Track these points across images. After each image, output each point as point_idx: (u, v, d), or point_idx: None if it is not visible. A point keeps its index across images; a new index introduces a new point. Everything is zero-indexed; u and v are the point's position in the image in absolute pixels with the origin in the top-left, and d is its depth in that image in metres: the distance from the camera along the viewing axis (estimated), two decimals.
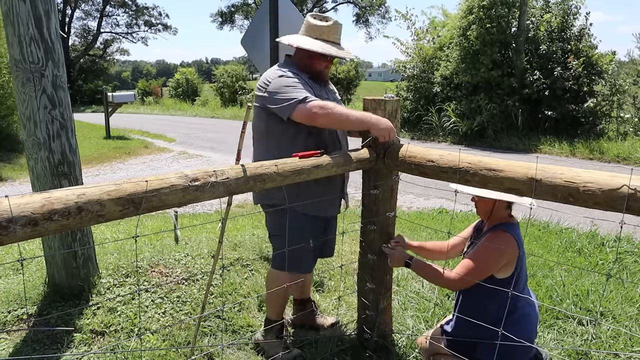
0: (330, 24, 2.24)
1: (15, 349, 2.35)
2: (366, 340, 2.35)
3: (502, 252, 1.87)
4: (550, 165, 1.55)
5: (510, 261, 1.89)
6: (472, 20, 11.29)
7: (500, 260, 1.88)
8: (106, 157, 10.46)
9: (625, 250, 3.93)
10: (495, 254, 1.88)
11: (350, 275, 3.36)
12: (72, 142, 2.68)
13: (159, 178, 1.41)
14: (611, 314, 2.79)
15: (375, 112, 2.07)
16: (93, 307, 2.64)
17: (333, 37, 2.25)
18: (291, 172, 1.77)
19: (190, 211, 6.15)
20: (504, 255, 1.88)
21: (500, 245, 1.87)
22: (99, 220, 1.28)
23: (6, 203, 1.11)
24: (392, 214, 2.21)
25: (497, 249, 1.88)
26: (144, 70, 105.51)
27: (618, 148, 9.11)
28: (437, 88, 12.48)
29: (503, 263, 1.89)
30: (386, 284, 2.32)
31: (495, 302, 1.93)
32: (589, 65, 10.60)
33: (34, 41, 2.44)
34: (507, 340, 1.83)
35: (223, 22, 41.35)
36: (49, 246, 2.79)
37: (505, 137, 10.88)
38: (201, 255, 3.39)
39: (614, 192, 1.36)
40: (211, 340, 2.51)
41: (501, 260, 1.88)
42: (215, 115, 21.00)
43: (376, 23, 51.97)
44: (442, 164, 1.81)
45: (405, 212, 5.71)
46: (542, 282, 3.15)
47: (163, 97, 31.56)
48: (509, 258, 1.88)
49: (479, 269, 1.89)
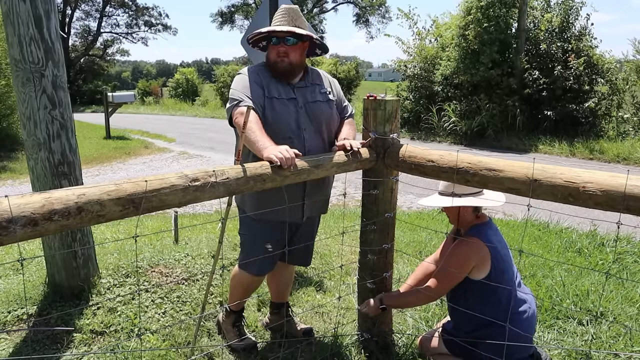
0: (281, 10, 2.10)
1: (15, 349, 2.35)
2: (366, 340, 2.35)
3: (466, 257, 1.94)
4: (550, 166, 1.55)
5: (480, 263, 1.93)
6: (470, 20, 11.30)
7: (466, 265, 1.94)
8: (106, 157, 10.47)
9: (625, 250, 3.93)
10: (459, 261, 1.95)
11: (350, 275, 3.36)
12: (72, 142, 2.68)
13: (159, 178, 1.41)
14: (611, 314, 2.79)
15: (375, 112, 2.07)
16: (93, 307, 2.64)
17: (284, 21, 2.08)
18: (291, 172, 1.77)
19: (190, 211, 6.16)
20: (468, 259, 1.94)
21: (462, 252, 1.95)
22: (99, 220, 1.28)
23: (6, 203, 1.11)
24: (391, 214, 2.21)
25: (460, 256, 1.95)
26: (144, 70, 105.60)
27: (618, 148, 9.11)
28: (437, 88, 12.49)
29: (472, 266, 1.94)
30: (386, 284, 2.32)
31: (483, 302, 1.96)
32: (590, 64, 10.60)
33: (34, 41, 2.44)
34: (504, 338, 1.85)
35: (223, 22, 41.35)
36: (49, 246, 2.79)
37: (505, 137, 10.89)
38: (201, 255, 3.39)
39: (614, 192, 1.37)
40: (211, 340, 2.51)
41: (467, 264, 1.94)
42: (215, 115, 21.00)
43: (376, 23, 51.93)
44: (442, 164, 1.81)
45: (405, 212, 5.71)
46: (542, 282, 3.15)
47: (163, 97, 31.55)
48: (477, 260, 1.93)
49: (447, 278, 1.97)
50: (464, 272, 1.94)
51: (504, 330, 1.86)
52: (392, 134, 2.08)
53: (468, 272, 1.95)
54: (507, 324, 1.85)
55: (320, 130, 2.14)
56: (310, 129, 2.11)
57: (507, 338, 1.85)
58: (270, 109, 2.04)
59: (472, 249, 1.93)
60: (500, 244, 1.98)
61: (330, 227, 4.65)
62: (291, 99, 2.09)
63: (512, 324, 1.88)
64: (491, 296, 1.94)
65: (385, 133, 2.07)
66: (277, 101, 2.06)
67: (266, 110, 2.04)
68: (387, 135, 2.07)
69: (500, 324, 1.87)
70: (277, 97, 2.06)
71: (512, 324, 1.88)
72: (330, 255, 3.75)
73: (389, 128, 2.07)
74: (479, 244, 1.93)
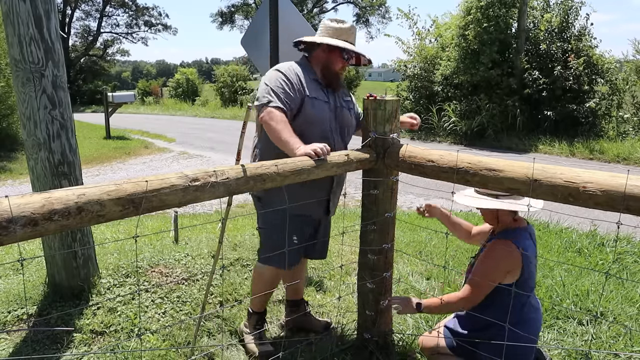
0: (348, 26, 2.25)
1: (15, 349, 2.35)
2: (366, 340, 2.35)
3: (501, 262, 1.89)
4: (550, 166, 1.55)
5: (513, 268, 1.88)
6: (470, 20, 11.31)
7: (500, 270, 1.89)
8: (106, 157, 10.46)
9: (625, 250, 3.92)
10: (495, 266, 1.90)
11: (350, 275, 3.36)
12: (72, 142, 2.68)
13: (159, 178, 1.41)
14: (611, 314, 2.79)
15: (375, 112, 2.07)
16: (93, 307, 2.64)
17: (351, 38, 2.25)
18: (291, 172, 1.77)
19: (190, 211, 6.15)
20: (502, 265, 1.89)
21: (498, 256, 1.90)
22: (99, 220, 1.28)
23: (6, 203, 1.11)
24: (391, 214, 2.21)
25: (496, 261, 1.90)
26: (144, 70, 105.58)
27: (618, 148, 9.11)
28: (437, 88, 12.49)
29: (506, 271, 1.89)
30: (386, 284, 2.31)
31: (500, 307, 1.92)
32: (590, 64, 10.60)
33: (34, 41, 2.44)
34: (512, 341, 1.83)
35: (223, 22, 41.35)
36: (49, 246, 2.79)
37: (505, 137, 10.89)
38: (201, 255, 3.39)
39: (614, 192, 1.36)
40: (211, 340, 2.51)
41: (501, 270, 1.89)
42: (215, 115, 21.00)
43: (376, 23, 52.00)
44: (442, 164, 1.81)
45: (405, 212, 5.71)
46: (542, 282, 3.15)
47: (163, 97, 31.54)
48: (511, 266, 1.88)
49: (483, 285, 1.90)
50: (498, 280, 1.88)
51: (512, 334, 1.83)
52: (392, 134, 2.08)
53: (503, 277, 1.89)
54: (515, 329, 1.83)
55: (343, 134, 2.30)
56: (337, 132, 2.26)
57: (516, 342, 1.83)
58: (311, 107, 2.14)
59: (506, 253, 1.87)
60: (533, 252, 1.92)
61: (331, 227, 4.64)
62: (326, 102, 2.21)
63: (523, 329, 1.86)
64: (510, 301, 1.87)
65: (385, 133, 2.07)
66: (317, 101, 2.16)
67: (307, 108, 2.13)
68: (387, 135, 2.07)
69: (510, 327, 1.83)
70: (317, 98, 2.17)
71: (520, 329, 1.86)
72: (330, 255, 3.75)
73: (389, 128, 2.07)
74: (512, 248, 1.86)
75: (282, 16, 3.48)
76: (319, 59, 2.25)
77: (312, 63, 2.27)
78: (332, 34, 2.23)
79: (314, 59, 2.27)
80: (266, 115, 2.03)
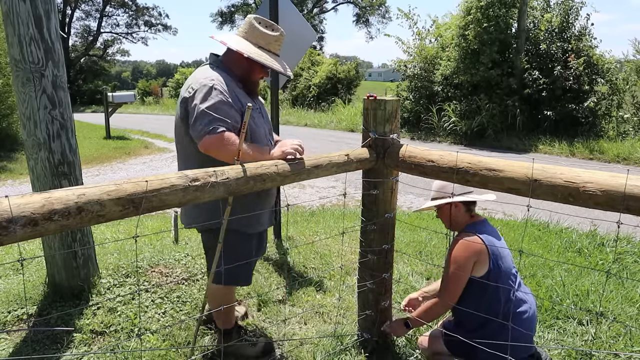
0: (277, 35, 2.11)
1: (15, 349, 2.35)
2: (366, 340, 2.35)
3: (463, 253, 1.95)
4: (550, 166, 1.55)
5: (479, 256, 1.94)
6: (470, 20, 11.31)
7: (467, 259, 1.95)
8: (106, 157, 10.46)
9: (625, 250, 3.93)
10: (459, 255, 1.96)
11: (350, 275, 3.36)
12: (72, 142, 2.68)
13: (159, 178, 1.41)
14: (611, 314, 2.79)
15: (375, 112, 2.07)
16: (93, 307, 2.64)
17: (277, 48, 2.13)
18: (291, 172, 1.77)
19: None
20: (467, 253, 1.95)
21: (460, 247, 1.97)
22: (99, 220, 1.28)
23: (6, 203, 1.11)
24: (391, 214, 2.21)
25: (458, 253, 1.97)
26: (144, 70, 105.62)
27: (618, 148, 9.11)
28: (437, 88, 12.50)
29: (472, 261, 1.95)
30: (386, 284, 2.32)
31: (481, 301, 1.96)
32: (590, 64, 10.61)
33: (34, 41, 2.44)
34: (504, 337, 1.85)
35: (223, 22, 41.36)
36: (49, 246, 2.79)
37: (505, 137, 10.89)
38: (201, 255, 3.39)
39: (614, 192, 1.37)
40: (211, 340, 2.51)
41: (468, 258, 1.95)
42: None
43: (376, 23, 52.00)
44: (442, 164, 1.82)
45: (405, 212, 5.71)
46: (542, 282, 3.15)
47: (163, 97, 31.55)
48: (476, 253, 1.94)
49: (455, 277, 1.97)
50: (467, 270, 1.95)
51: (505, 329, 1.86)
52: (392, 134, 2.08)
53: (471, 269, 1.96)
54: (510, 323, 1.85)
55: (272, 136, 2.27)
56: (270, 133, 2.24)
57: (509, 337, 1.85)
58: (251, 118, 2.07)
59: (467, 244, 1.95)
60: (497, 241, 1.99)
61: (330, 227, 4.65)
62: (256, 107, 2.17)
63: (512, 324, 1.88)
64: (491, 294, 1.95)
65: (385, 133, 2.07)
66: (254, 111, 2.12)
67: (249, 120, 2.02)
68: (387, 135, 2.07)
69: (501, 322, 1.88)
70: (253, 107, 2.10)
71: (512, 323, 1.88)
72: (330, 255, 3.75)
73: (389, 128, 2.07)
74: (473, 238, 1.95)
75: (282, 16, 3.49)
76: (239, 63, 2.10)
77: (230, 66, 2.12)
78: (258, 39, 2.09)
79: (233, 63, 2.12)
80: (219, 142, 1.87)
